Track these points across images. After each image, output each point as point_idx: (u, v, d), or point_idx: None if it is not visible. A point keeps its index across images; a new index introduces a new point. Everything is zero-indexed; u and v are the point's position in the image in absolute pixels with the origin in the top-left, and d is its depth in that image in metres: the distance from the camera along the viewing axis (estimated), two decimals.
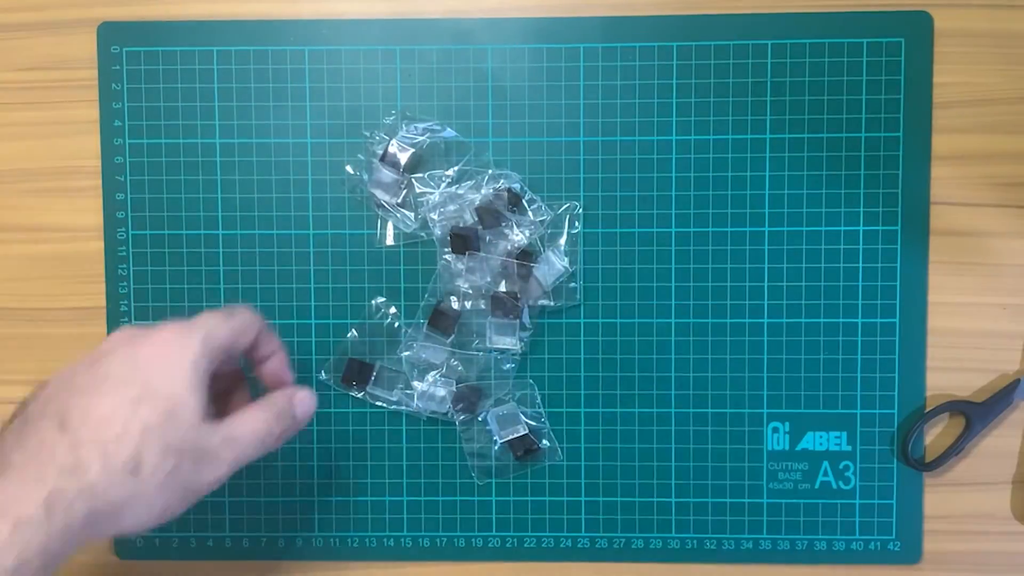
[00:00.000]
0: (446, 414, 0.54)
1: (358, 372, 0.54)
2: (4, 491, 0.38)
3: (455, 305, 0.54)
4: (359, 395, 0.55)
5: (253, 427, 0.44)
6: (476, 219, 0.53)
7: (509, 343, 0.54)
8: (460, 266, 0.53)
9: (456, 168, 0.54)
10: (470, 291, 0.54)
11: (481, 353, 0.54)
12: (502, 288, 0.54)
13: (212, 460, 0.42)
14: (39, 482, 0.38)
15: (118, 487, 0.39)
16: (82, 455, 0.39)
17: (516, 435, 0.54)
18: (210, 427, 0.42)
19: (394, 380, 0.55)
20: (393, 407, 0.55)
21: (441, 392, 0.54)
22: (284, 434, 0.45)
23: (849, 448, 0.55)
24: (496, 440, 0.54)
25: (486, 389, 0.55)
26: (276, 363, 0.48)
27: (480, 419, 0.55)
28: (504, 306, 0.53)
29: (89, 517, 0.38)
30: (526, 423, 0.54)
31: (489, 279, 0.54)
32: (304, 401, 0.47)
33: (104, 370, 0.41)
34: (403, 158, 0.53)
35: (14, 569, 0.36)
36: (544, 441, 0.55)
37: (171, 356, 0.42)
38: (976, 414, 0.54)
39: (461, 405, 0.54)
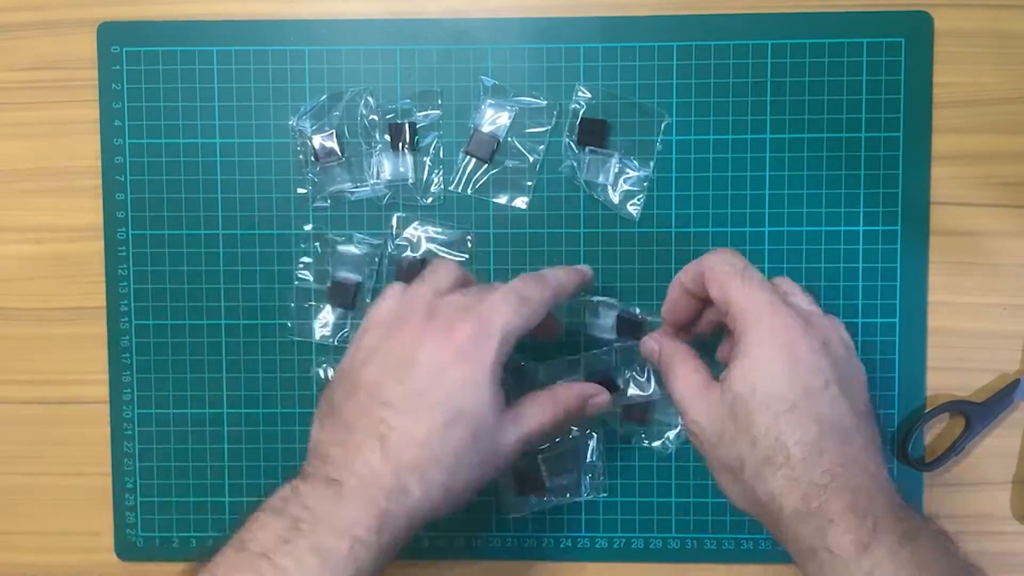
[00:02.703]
0: None
1: None
2: (344, 511, 0.42)
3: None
4: None
5: (541, 422, 0.46)
6: None
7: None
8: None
9: None
10: None
11: None
12: None
13: (505, 454, 0.45)
14: (371, 504, 0.42)
15: (435, 503, 0.43)
16: (404, 480, 0.42)
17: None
18: (505, 429, 0.45)
19: None
20: None
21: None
22: (567, 426, 0.50)
23: None
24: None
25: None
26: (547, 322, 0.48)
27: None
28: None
29: (410, 529, 0.43)
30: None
31: None
32: (598, 404, 0.49)
33: (416, 387, 0.43)
34: (329, 144, 0.54)
35: None
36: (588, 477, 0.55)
37: (474, 370, 0.44)
38: (976, 414, 0.54)
39: None
